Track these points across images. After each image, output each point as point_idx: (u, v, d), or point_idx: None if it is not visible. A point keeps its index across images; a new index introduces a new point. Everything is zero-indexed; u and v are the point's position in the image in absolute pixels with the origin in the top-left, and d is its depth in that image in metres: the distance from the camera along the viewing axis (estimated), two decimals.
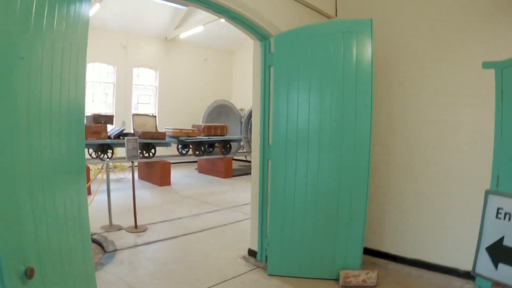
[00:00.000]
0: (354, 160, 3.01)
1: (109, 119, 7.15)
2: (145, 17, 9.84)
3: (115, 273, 3.25)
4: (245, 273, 3.37)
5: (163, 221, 5.01)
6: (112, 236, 4.27)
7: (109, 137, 7.05)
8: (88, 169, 6.35)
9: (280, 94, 3.27)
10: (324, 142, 3.10)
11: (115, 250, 3.82)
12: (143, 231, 4.51)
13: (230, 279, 3.22)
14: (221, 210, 5.79)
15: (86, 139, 6.39)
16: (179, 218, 5.19)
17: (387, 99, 3.60)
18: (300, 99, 3.18)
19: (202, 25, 9.78)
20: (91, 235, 3.78)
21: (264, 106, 3.51)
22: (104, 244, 3.95)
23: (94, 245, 3.88)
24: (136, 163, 9.12)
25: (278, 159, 3.28)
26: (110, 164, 8.68)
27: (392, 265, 3.49)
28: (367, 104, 2.96)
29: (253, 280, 3.22)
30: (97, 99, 9.67)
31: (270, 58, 3.47)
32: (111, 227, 4.59)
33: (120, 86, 9.98)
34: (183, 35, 10.59)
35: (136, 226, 4.54)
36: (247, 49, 13.95)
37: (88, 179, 5.48)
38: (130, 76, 10.18)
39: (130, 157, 4.44)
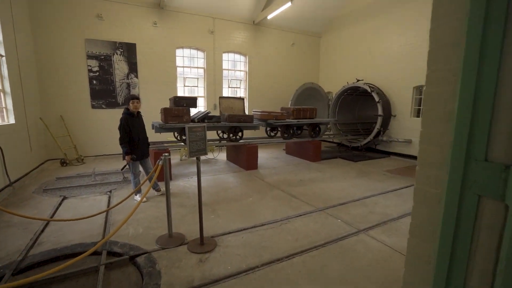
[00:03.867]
0: None
1: (191, 101, 6.19)
2: (231, 0, 8.85)
3: None
4: None
5: (240, 230, 3.55)
6: (165, 257, 2.91)
7: (193, 121, 6.28)
8: (168, 153, 5.66)
9: None
10: None
11: None
12: (210, 251, 3.02)
13: None
14: (315, 213, 4.15)
15: (167, 122, 5.76)
16: (262, 225, 3.71)
17: None
18: None
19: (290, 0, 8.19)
20: (136, 255, 2.79)
21: (474, 83, 1.25)
22: (145, 276, 2.55)
23: (134, 272, 2.67)
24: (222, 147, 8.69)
25: None
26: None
27: None
28: None
29: None
30: (189, 84, 9.33)
31: None
32: (171, 240, 3.24)
33: (210, 71, 9.38)
34: (271, 15, 9.24)
35: (202, 241, 3.15)
36: (335, 32, 11.87)
37: (169, 166, 4.74)
38: (219, 61, 9.48)
39: (194, 153, 2.96)
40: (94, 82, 7.71)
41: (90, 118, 7.80)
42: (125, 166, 4.58)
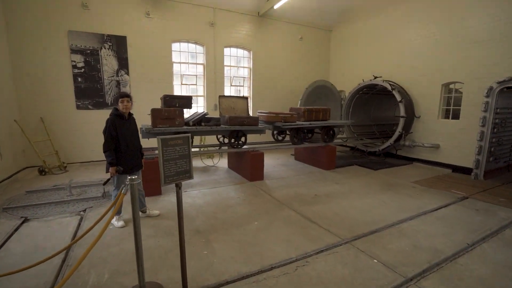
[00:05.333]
0: None
1: (185, 101, 5.14)
2: None
3: None
4: None
5: (241, 278, 2.53)
6: None
7: (187, 124, 5.26)
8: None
9: None
10: None
11: None
12: None
13: None
14: (340, 247, 3.13)
15: (156, 126, 4.76)
16: (271, 269, 2.68)
17: None
18: None
19: None
20: None
21: None
22: None
23: None
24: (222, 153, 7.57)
25: None
26: (194, 150, 7.39)
27: None
28: None
29: None
30: (187, 82, 8.34)
31: None
32: None
33: (210, 67, 8.38)
34: (278, 5, 8.21)
35: None
36: (347, 24, 10.33)
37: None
38: (220, 56, 8.48)
39: (172, 178, 2.01)
40: (79, 79, 6.76)
41: (75, 120, 6.86)
42: (108, 180, 3.58)
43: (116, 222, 3.66)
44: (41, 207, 4.29)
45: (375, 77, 8.04)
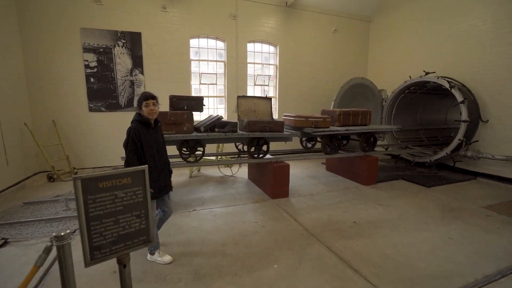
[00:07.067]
0: None
1: (195, 103, 4.31)
2: None
3: None
4: None
5: None
6: None
7: (197, 130, 4.40)
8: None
9: None
10: None
11: None
12: None
13: None
14: None
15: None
16: None
17: None
18: None
19: None
20: None
21: None
22: None
23: None
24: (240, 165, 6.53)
25: None
26: (210, 158, 5.56)
27: None
28: None
29: None
30: (206, 81, 7.58)
31: None
32: None
33: (231, 65, 7.54)
34: None
35: None
36: (390, 13, 8.31)
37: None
38: (243, 53, 7.60)
39: (100, 254, 1.11)
40: (92, 80, 6.30)
41: (87, 123, 6.41)
42: None
43: (160, 258, 2.87)
44: (29, 225, 3.72)
45: (426, 73, 6.62)
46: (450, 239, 3.40)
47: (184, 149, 4.31)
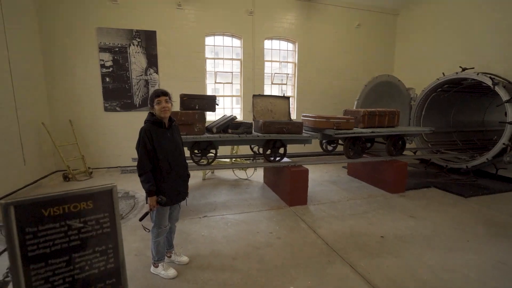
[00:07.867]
0: None
1: (208, 102, 4.00)
2: None
3: None
4: None
5: None
6: None
7: (209, 130, 4.12)
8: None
9: None
10: None
11: None
12: None
13: None
14: None
15: None
16: None
17: None
18: None
19: None
20: None
21: None
22: None
23: None
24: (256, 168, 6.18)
25: None
26: (225, 160, 5.72)
27: None
28: None
29: None
30: (222, 80, 7.31)
31: None
32: None
33: (247, 63, 7.22)
34: None
35: None
36: (419, 5, 7.03)
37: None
38: (260, 50, 7.27)
39: None
40: (107, 79, 6.25)
41: (102, 122, 6.37)
42: (146, 214, 2.45)
43: (164, 272, 2.63)
44: None
45: (463, 69, 5.93)
46: (501, 264, 2.86)
47: (196, 151, 4.05)
